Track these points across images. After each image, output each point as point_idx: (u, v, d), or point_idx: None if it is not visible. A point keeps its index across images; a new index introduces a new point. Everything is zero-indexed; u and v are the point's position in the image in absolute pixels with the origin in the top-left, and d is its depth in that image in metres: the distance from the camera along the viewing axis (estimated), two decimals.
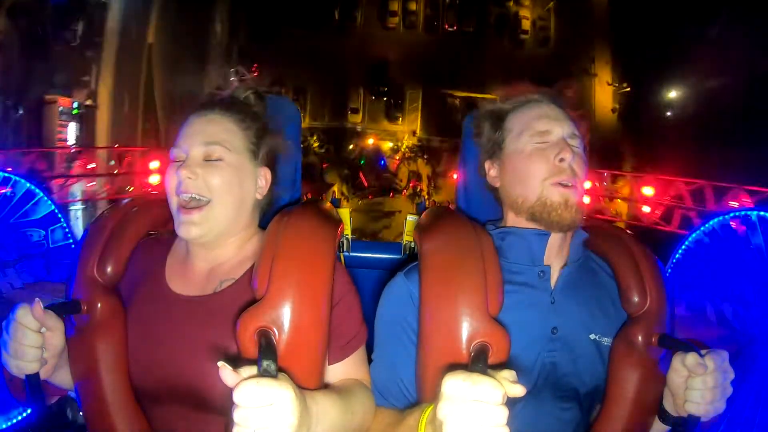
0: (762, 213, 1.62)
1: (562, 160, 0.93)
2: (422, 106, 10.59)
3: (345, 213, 1.40)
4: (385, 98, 10.11)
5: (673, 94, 5.98)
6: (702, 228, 1.67)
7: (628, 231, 1.06)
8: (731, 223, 1.68)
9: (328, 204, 1.08)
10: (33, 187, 1.66)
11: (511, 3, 10.40)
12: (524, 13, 10.42)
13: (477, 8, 10.18)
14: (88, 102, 5.56)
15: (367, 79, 9.81)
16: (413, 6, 9.41)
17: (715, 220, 1.67)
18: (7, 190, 1.65)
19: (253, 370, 0.62)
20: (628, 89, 6.90)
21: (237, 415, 0.58)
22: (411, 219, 1.44)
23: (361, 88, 9.97)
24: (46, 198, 1.67)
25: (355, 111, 11.12)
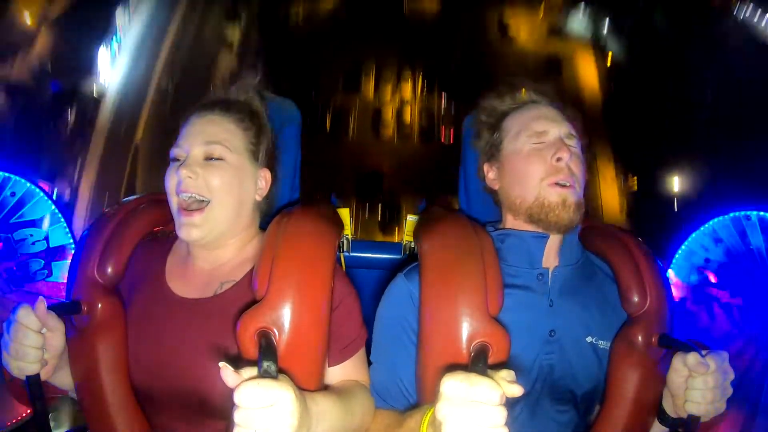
0: (762, 213, 1.62)
1: (559, 159, 0.94)
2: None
3: (345, 213, 1.40)
4: (379, 210, 9.34)
5: (677, 184, 5.60)
6: (702, 228, 1.67)
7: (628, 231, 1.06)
8: (731, 223, 1.68)
9: (329, 205, 1.08)
10: (33, 187, 1.66)
11: None
12: None
13: None
14: (67, 192, 5.43)
15: (360, 190, 9.05)
16: (408, 118, 8.84)
17: (715, 220, 1.67)
18: (9, 192, 1.65)
19: (254, 371, 0.62)
20: (635, 188, 6.48)
21: (238, 416, 0.58)
22: (411, 219, 1.44)
23: (354, 200, 9.24)
24: (46, 198, 1.67)
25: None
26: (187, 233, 0.90)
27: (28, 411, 1.55)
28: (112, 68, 5.64)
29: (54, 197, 1.70)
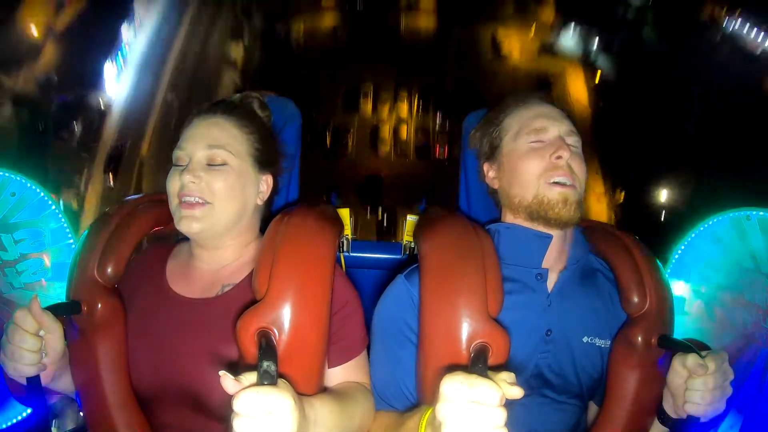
0: (762, 213, 1.62)
1: (558, 157, 0.93)
2: None
3: (345, 213, 1.40)
4: (378, 213, 9.86)
5: (665, 196, 5.62)
6: (700, 227, 1.67)
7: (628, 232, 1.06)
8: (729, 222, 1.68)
9: (329, 205, 1.08)
10: (35, 187, 1.66)
11: None
12: None
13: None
14: (74, 204, 5.48)
15: (360, 192, 9.57)
16: (404, 134, 9.04)
17: (715, 219, 1.67)
18: (9, 192, 1.65)
19: (253, 376, 0.62)
20: (622, 200, 6.53)
21: (236, 424, 0.58)
22: (411, 219, 1.44)
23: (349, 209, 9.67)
24: (47, 198, 1.67)
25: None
26: (187, 225, 0.89)
27: (28, 410, 1.56)
28: (118, 82, 5.70)
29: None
